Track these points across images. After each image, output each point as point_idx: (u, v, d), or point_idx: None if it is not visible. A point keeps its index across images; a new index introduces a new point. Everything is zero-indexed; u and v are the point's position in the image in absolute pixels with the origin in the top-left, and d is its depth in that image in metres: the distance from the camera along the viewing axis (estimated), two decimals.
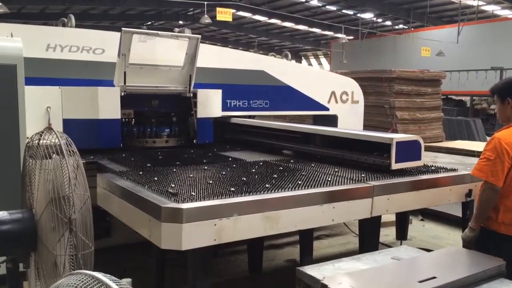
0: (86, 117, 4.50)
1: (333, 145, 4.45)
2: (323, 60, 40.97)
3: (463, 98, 20.82)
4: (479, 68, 18.92)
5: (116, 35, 4.62)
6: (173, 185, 3.15)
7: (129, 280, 1.87)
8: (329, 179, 3.46)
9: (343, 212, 3.28)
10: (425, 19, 24.47)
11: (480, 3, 21.83)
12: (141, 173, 3.63)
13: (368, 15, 26.57)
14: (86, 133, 4.51)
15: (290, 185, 3.25)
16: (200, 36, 4.93)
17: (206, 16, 16.69)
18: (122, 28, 4.46)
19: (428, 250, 4.90)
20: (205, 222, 2.69)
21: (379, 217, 3.77)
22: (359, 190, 3.36)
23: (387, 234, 5.76)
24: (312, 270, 2.64)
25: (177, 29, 5.75)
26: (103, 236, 4.28)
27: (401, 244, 5.29)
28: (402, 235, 5.12)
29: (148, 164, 3.99)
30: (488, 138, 3.35)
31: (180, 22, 28.93)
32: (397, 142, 3.69)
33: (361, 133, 4.35)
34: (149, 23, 29.78)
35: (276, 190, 3.10)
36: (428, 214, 6.49)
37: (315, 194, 3.14)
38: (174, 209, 2.63)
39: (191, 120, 5.26)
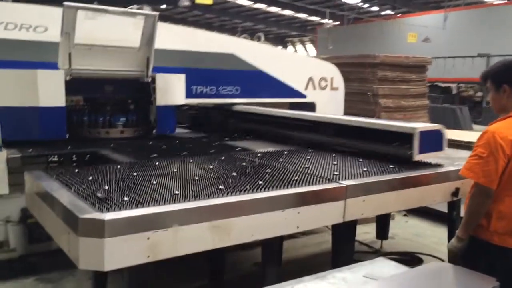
0: (24, 104, 3.93)
1: (340, 134, 4.22)
2: (309, 46, 40.37)
3: (449, 85, 20.49)
4: (466, 54, 18.57)
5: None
6: (107, 187, 2.63)
7: None
8: (296, 178, 2.97)
9: (310, 217, 2.79)
10: (411, 4, 24.00)
11: None
12: (76, 170, 3.10)
13: (354, 0, 26.01)
14: (25, 123, 3.96)
15: (248, 186, 2.75)
16: (157, 13, 4.36)
17: None
18: (64, 3, 3.88)
19: (411, 253, 4.53)
20: (135, 236, 2.17)
21: (355, 221, 3.30)
22: (329, 191, 2.87)
23: (367, 231, 5.30)
24: None
25: (135, 6, 5.17)
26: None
27: (381, 245, 4.89)
28: (382, 234, 4.68)
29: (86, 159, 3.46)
30: (474, 126, 2.96)
31: (164, 6, 28.11)
32: (420, 132, 3.42)
33: (378, 122, 4.12)
34: (130, 6, 28.87)
35: (230, 193, 2.59)
36: (412, 210, 6.03)
37: (276, 198, 2.64)
38: (94, 221, 2.11)
39: (152, 108, 4.73)
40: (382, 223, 4.64)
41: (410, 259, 3.84)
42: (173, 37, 5.14)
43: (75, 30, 4.04)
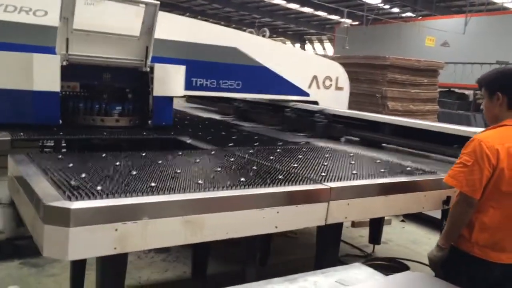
0: (19, 87, 3.93)
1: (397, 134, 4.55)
2: (327, 45, 40.06)
3: (466, 91, 20.14)
4: (485, 61, 18.22)
5: None
6: (84, 175, 2.59)
7: None
8: (281, 177, 2.90)
9: (289, 218, 2.72)
10: (433, 7, 23.63)
11: None
12: (60, 156, 3.08)
13: (375, 1, 25.71)
14: (19, 106, 3.96)
15: (228, 182, 2.69)
16: (158, 2, 4.31)
17: None
18: None
19: (398, 260, 4.42)
20: (102, 226, 2.13)
21: (340, 224, 3.23)
22: (311, 192, 2.79)
23: (363, 235, 5.23)
24: None
25: None
26: None
27: (373, 249, 4.81)
28: (375, 238, 4.61)
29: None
30: None
31: None
32: None
33: (438, 125, 4.43)
34: None
35: (207, 189, 2.54)
36: (409, 215, 5.93)
37: (254, 196, 2.58)
38: (59, 209, 2.07)
39: (149, 98, 4.69)
40: (375, 227, 4.57)
41: (397, 265, 3.75)
42: (176, 27, 5.09)
43: (74, 15, 4.01)
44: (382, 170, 3.36)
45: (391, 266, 3.72)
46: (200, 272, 3.68)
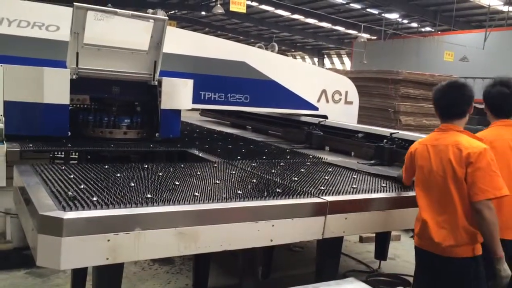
0: (30, 100, 4.03)
1: None
2: (345, 59, 40.01)
3: None
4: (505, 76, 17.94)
5: None
6: (83, 187, 2.65)
7: None
8: (279, 191, 2.91)
9: (285, 231, 2.73)
10: (452, 22, 23.45)
11: (511, 8, 20.75)
12: (63, 167, 3.14)
13: (393, 16, 25.67)
14: (30, 118, 4.07)
15: (226, 195, 2.72)
16: (167, 18, 4.41)
17: (219, 6, 16.12)
18: (75, 3, 3.97)
19: (401, 276, 4.36)
20: (94, 237, 2.18)
21: (340, 238, 3.22)
22: (308, 206, 2.80)
23: (370, 250, 5.17)
24: None
25: (150, 11, 5.24)
26: None
27: (379, 265, 4.75)
28: (381, 254, 4.54)
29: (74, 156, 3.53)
30: None
31: (203, 13, 28.50)
32: None
33: None
34: (173, 12, 29.31)
35: (203, 201, 2.57)
36: None
37: (249, 208, 2.60)
38: (53, 219, 2.12)
39: (157, 112, 4.76)
40: (381, 243, 4.51)
41: (399, 282, 3.71)
42: (185, 42, 5.18)
43: (85, 30, 4.12)
44: (383, 185, 3.34)
45: (393, 282, 3.68)
46: (202, 284, 3.69)
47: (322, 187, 3.09)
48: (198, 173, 3.33)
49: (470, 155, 2.60)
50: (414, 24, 27.62)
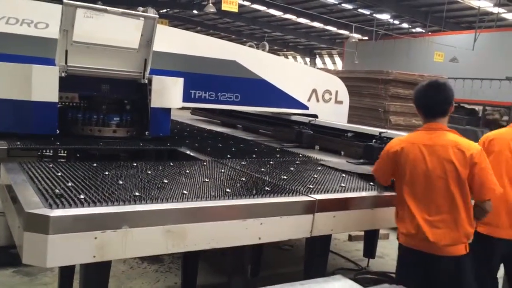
0: (18, 97, 4.00)
1: None
2: (337, 59, 40.14)
3: (475, 107, 20.02)
4: (494, 77, 18.12)
5: None
6: (70, 184, 2.64)
7: None
8: (268, 189, 2.91)
9: (274, 229, 2.74)
10: (443, 23, 23.60)
11: (501, 10, 20.94)
12: (51, 165, 3.13)
13: (384, 16, 25.78)
14: (18, 116, 4.03)
15: (214, 192, 2.72)
16: (157, 16, 4.39)
17: (210, 5, 16.09)
18: (64, 0, 3.94)
19: (388, 274, 4.39)
20: (81, 234, 2.17)
21: (328, 236, 3.23)
22: (295, 204, 2.81)
23: (358, 249, 5.20)
24: None
25: (141, 9, 5.21)
26: None
27: (368, 263, 4.78)
28: (369, 252, 4.58)
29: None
30: None
31: (195, 11, 28.42)
32: None
33: None
34: (165, 10, 29.20)
35: (191, 199, 2.57)
36: None
37: (237, 206, 2.61)
38: (39, 216, 2.11)
39: (147, 110, 4.74)
40: (370, 241, 4.54)
41: (387, 279, 3.73)
42: (176, 41, 5.17)
43: (74, 27, 4.09)
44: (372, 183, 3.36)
45: (381, 280, 3.70)
46: (190, 283, 3.69)
47: (311, 186, 3.10)
48: (187, 171, 3.32)
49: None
50: (405, 25, 27.79)
